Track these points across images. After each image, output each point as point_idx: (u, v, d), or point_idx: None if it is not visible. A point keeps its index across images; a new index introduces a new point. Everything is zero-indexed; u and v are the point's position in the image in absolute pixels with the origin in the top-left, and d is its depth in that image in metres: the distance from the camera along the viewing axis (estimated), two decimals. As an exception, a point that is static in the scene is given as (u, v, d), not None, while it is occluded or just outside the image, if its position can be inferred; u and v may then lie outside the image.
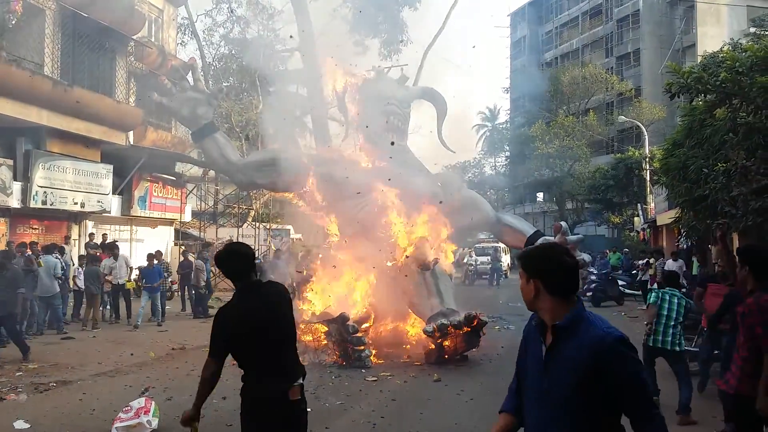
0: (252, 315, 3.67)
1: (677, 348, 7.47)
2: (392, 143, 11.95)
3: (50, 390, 8.54)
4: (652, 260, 19.48)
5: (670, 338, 7.47)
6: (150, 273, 15.16)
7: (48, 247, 14.22)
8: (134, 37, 21.06)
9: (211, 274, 17.76)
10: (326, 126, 21.18)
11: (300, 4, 21.84)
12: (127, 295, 15.67)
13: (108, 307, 15.44)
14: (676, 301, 7.60)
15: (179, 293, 18.08)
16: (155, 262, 15.38)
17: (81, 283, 14.50)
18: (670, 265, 16.48)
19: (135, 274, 16.26)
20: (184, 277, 17.09)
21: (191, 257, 17.41)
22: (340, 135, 12.90)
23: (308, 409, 3.87)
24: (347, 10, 24.05)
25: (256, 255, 18.32)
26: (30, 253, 13.08)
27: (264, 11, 26.19)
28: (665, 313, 7.54)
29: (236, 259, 3.79)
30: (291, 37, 21.96)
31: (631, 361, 2.40)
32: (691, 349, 9.29)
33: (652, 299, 7.84)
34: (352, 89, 12.89)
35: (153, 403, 6.81)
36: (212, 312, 16.64)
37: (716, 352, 8.32)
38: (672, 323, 7.48)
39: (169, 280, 17.82)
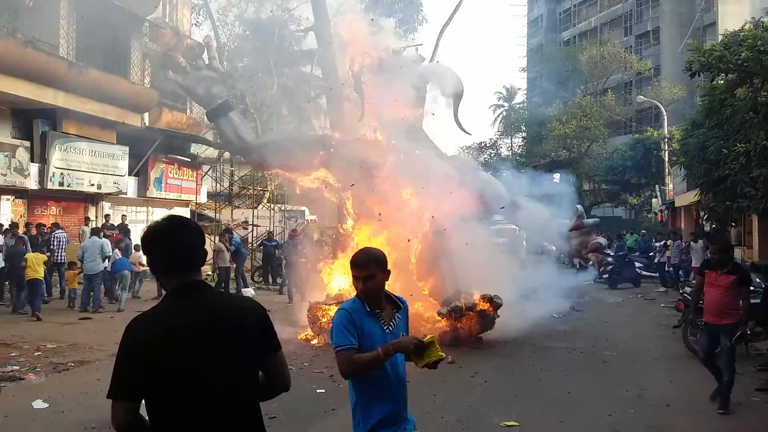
0: (193, 336, 2.29)
1: None
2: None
3: (68, 370, 8.63)
4: (669, 242, 19.30)
5: None
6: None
7: (95, 229, 15.21)
8: (149, 18, 21.03)
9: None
10: (341, 107, 21.10)
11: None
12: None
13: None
14: None
15: None
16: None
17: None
18: (693, 246, 16.28)
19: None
20: None
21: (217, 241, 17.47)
22: (355, 116, 12.82)
23: (322, 391, 3.74)
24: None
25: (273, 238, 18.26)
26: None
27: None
28: None
29: (183, 235, 2.47)
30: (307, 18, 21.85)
31: None
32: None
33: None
34: (368, 69, 12.79)
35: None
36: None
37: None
38: None
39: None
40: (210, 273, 19.61)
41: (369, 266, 3.15)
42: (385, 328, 3.16)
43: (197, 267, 2.48)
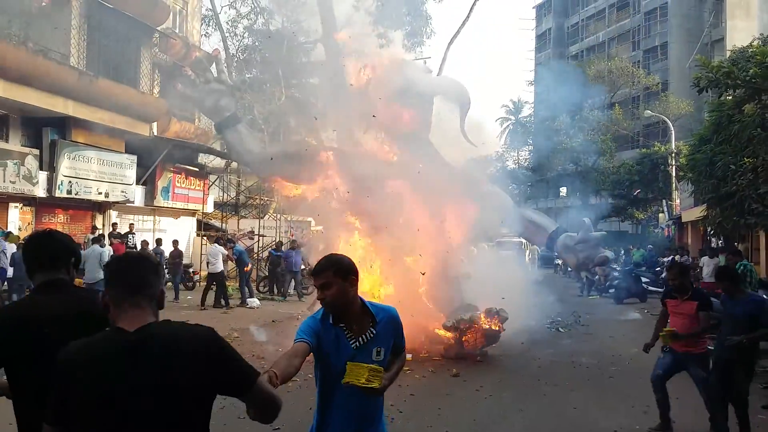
0: (54, 323, 2.52)
1: None
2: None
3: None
4: (676, 257, 19.22)
5: None
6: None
7: (95, 239, 15.24)
8: (159, 28, 21.18)
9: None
10: (348, 118, 21.14)
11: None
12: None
13: None
14: None
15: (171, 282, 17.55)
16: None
17: None
18: (707, 262, 16.08)
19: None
20: (176, 266, 17.25)
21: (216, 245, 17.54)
22: (361, 127, 12.84)
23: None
24: (371, 2, 23.95)
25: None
26: None
27: (287, 2, 26.17)
28: None
29: (48, 242, 2.84)
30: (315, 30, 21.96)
31: None
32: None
33: None
34: (374, 80, 12.82)
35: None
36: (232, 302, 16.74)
37: None
38: None
39: (191, 270, 17.94)
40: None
41: (326, 272, 2.93)
42: (352, 342, 2.97)
43: (53, 268, 2.74)
